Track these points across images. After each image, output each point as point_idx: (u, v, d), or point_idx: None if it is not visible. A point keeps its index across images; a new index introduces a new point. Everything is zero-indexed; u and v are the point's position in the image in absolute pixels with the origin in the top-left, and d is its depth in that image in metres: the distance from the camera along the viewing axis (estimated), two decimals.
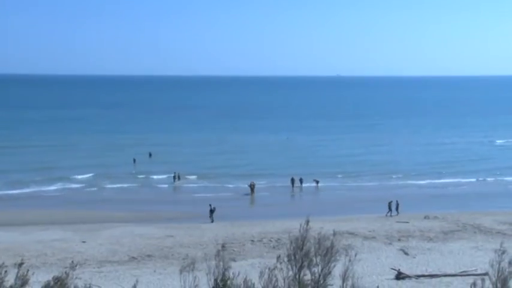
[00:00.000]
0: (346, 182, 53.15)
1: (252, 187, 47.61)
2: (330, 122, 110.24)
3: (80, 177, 52.58)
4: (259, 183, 50.02)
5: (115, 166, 58.48)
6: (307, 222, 11.49)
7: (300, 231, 11.48)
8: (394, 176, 55.18)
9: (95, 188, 49.18)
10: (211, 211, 37.62)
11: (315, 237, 11.79)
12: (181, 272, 11.52)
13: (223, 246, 27.68)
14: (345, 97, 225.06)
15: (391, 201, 39.53)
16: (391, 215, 38.71)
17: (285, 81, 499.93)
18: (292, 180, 49.51)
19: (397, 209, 39.42)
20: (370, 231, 33.12)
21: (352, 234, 32.29)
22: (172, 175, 51.79)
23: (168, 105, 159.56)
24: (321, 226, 31.77)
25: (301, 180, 49.94)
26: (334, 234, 12.44)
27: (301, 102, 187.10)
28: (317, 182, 50.80)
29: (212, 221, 37.11)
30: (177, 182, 51.22)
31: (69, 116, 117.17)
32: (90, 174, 53.77)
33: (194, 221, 37.56)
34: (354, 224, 35.24)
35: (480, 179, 54.22)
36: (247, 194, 47.62)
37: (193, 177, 53.68)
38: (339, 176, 55.08)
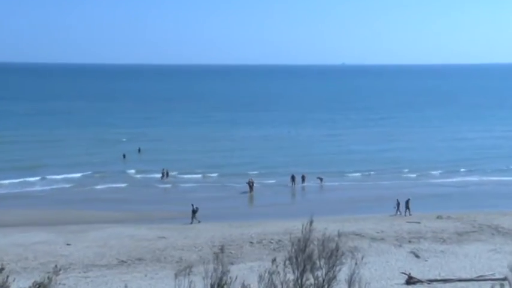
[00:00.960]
0: (353, 179, 53.14)
1: (250, 185, 47.54)
2: (336, 114, 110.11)
3: (65, 175, 52.41)
4: (259, 181, 49.95)
5: (103, 163, 58.45)
6: (311, 222, 11.39)
7: (302, 232, 11.38)
8: (405, 174, 55.09)
9: (81, 187, 49.07)
10: (194, 211, 37.57)
11: (319, 238, 11.69)
12: (176, 276, 11.46)
13: (221, 248, 27.64)
14: (351, 87, 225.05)
15: (408, 199, 39.64)
16: (410, 214, 38.87)
17: (287, 70, 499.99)
18: (293, 178, 49.43)
19: (398, 208, 39.47)
20: (378, 232, 33.08)
21: (358, 235, 32.25)
22: (161, 172, 51.95)
23: (162, 96, 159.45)
24: (325, 227, 31.61)
25: (303, 178, 49.83)
26: (340, 235, 12.36)
27: (305, 92, 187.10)
28: (321, 179, 50.69)
29: (192, 222, 37.09)
30: (165, 180, 51.38)
31: (56, 108, 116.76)
32: (76, 172, 53.66)
33: (188, 221, 37.49)
34: (361, 225, 35.18)
35: (503, 177, 53.71)
36: (245, 193, 47.56)
37: (187, 175, 53.60)
38: (345, 173, 55.00)
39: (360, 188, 50.01)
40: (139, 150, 65.31)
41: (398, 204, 39.65)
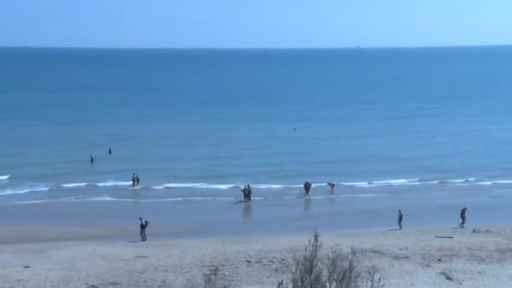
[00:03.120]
0: (371, 185, 53.28)
1: (246, 193, 47.60)
2: (352, 108, 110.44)
3: (24, 184, 52.27)
4: (257, 188, 50.07)
5: (69, 167, 58.41)
6: (316, 237, 11.39)
7: (307, 249, 11.39)
8: (436, 180, 55.18)
9: (42, 198, 48.97)
10: (143, 226, 37.39)
11: (329, 256, 11.71)
12: None
13: (213, 269, 27.66)
14: (368, 74, 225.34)
15: (465, 208, 39.69)
16: (463, 226, 39.01)
17: (294, 55, 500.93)
18: (306, 186, 49.46)
19: (399, 221, 39.41)
20: (401, 249, 33.09)
21: (377, 252, 32.25)
22: (131, 178, 52.34)
23: (150, 87, 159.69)
24: (336, 242, 31.71)
25: (308, 186, 49.61)
26: (354, 252, 12.31)
27: (314, 81, 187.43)
28: (332, 185, 50.80)
29: (144, 239, 37.07)
30: (137, 187, 51.90)
31: (22, 102, 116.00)
32: (37, 180, 53.62)
33: (172, 237, 37.56)
34: (380, 240, 35.23)
35: None
36: (241, 202, 47.66)
37: (170, 182, 53.59)
38: (362, 178, 55.11)
39: (379, 195, 50.23)
40: (109, 151, 65.76)
41: (400, 216, 39.54)
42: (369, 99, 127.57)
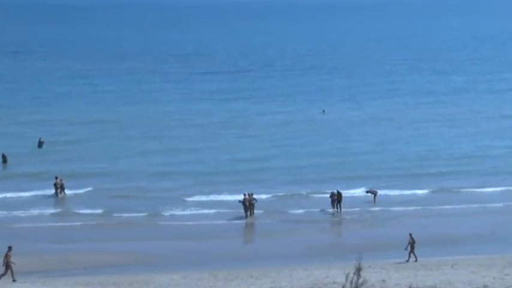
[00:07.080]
0: (430, 194, 53.54)
1: (247, 205, 47.63)
2: (398, 80, 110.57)
3: None
4: (264, 198, 50.29)
5: None
6: (358, 269, 11.36)
7: (344, 287, 11.36)
8: None
9: None
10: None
11: None
12: None
13: None
14: (436, 27, 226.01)
15: None
16: None
17: (329, 3, 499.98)
18: (333, 197, 49.31)
19: (411, 249, 38.81)
20: None
21: None
22: (54, 183, 52.75)
23: (111, 49, 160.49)
24: (382, 278, 31.83)
25: (335, 197, 49.39)
26: None
27: (349, 41, 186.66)
28: (374, 194, 51.06)
29: None
30: (61, 197, 52.65)
31: None
32: None
33: (141, 270, 37.71)
34: (447, 274, 35.21)
35: None
36: (240, 218, 47.82)
37: (134, 192, 53.81)
38: (416, 184, 55.28)
39: (443, 208, 50.43)
40: (39, 144, 66.13)
41: (411, 242, 38.89)
42: (443, 67, 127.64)
